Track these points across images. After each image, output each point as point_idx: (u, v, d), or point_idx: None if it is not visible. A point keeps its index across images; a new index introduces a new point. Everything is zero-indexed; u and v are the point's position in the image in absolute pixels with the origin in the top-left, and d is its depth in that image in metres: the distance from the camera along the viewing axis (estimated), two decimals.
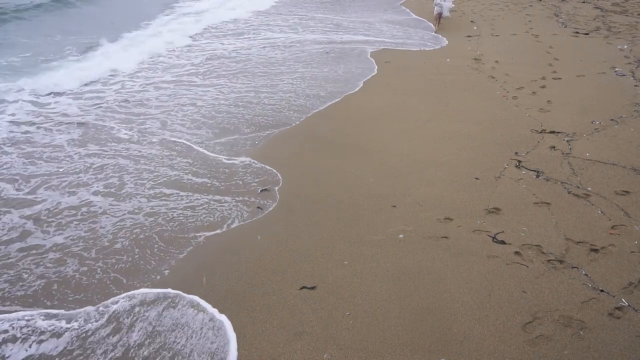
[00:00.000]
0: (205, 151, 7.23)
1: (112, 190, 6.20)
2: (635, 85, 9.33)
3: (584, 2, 18.07)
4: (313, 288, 4.48)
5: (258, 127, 8.03)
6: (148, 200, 5.95)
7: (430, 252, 4.88)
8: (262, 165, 6.77)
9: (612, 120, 7.82)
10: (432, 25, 15.65)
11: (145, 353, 3.86)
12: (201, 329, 4.08)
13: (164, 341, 3.96)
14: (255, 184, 6.31)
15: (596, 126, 7.64)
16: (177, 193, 6.12)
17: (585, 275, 4.47)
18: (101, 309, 4.33)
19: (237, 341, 3.95)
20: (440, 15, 14.79)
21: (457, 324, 4.01)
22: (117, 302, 4.39)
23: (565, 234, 5.06)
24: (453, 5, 15.75)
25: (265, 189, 6.15)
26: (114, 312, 4.28)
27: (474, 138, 7.35)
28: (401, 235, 5.15)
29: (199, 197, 6.04)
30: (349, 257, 4.88)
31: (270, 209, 5.77)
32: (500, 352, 3.74)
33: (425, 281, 4.49)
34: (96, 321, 4.19)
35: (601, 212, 5.41)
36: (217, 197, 6.03)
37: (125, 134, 7.84)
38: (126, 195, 6.08)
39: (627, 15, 15.68)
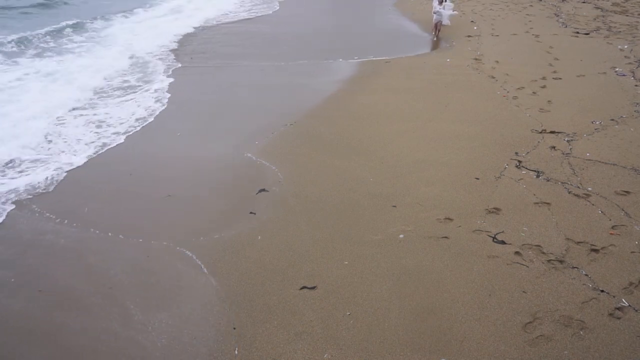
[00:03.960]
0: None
1: None
2: (636, 85, 9.33)
3: (584, 2, 18.08)
4: (313, 288, 4.48)
5: (259, 124, 8.04)
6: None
7: (430, 252, 4.87)
8: (262, 163, 6.77)
9: (612, 120, 7.82)
10: (425, 29, 15.49)
11: None
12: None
13: None
14: (254, 184, 6.30)
15: (596, 126, 7.63)
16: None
17: (586, 275, 4.47)
18: None
19: (237, 341, 3.96)
20: (439, 23, 14.15)
21: (457, 324, 4.01)
22: None
23: (565, 234, 5.05)
24: (455, 12, 15.09)
25: (263, 190, 6.13)
26: None
27: (474, 138, 7.34)
28: (401, 235, 5.14)
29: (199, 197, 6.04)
30: (349, 257, 4.87)
31: (270, 209, 5.76)
32: (501, 352, 3.73)
33: (425, 281, 4.49)
34: None
35: (601, 212, 5.41)
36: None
37: None
38: None
39: (627, 15, 15.69)
